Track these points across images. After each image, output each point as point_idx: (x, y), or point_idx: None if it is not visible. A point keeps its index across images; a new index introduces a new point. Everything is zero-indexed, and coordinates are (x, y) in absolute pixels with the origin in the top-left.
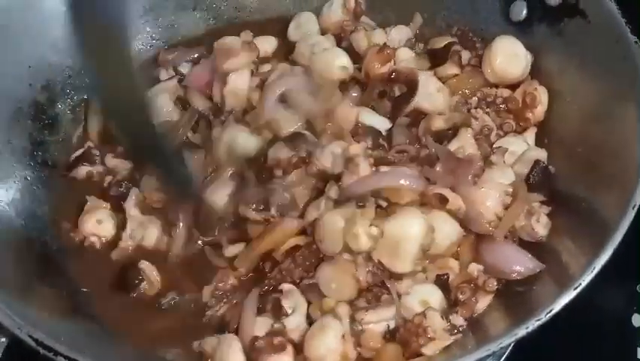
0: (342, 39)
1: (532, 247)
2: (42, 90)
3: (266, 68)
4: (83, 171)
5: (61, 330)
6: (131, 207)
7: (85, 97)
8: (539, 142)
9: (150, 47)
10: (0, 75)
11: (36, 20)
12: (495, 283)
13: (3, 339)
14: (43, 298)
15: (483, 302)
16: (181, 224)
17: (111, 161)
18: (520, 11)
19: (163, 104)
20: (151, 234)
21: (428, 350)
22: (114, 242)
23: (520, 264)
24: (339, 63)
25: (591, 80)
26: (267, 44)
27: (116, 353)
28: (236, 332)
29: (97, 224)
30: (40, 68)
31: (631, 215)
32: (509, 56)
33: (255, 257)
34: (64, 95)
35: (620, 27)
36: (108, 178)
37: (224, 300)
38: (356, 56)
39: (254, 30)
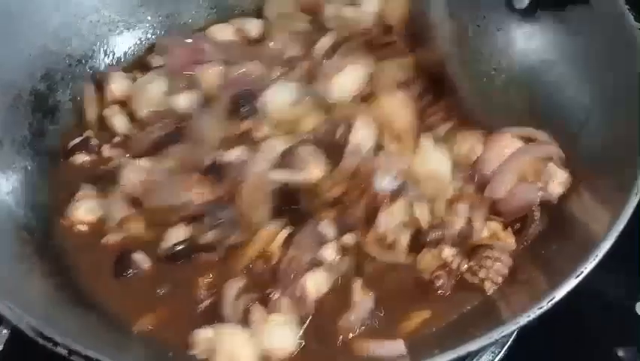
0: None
1: (535, 237)
2: (42, 79)
3: None
4: (79, 159)
5: (62, 320)
6: (117, 199)
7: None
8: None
9: (152, 35)
10: (0, 64)
11: (37, 8)
12: (465, 265)
13: (5, 331)
14: (44, 288)
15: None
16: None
17: (107, 151)
18: None
19: (154, 93)
20: (137, 226)
21: None
22: (105, 231)
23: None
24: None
25: (595, 68)
26: (252, 26)
27: (116, 342)
28: None
29: (86, 212)
30: (40, 57)
31: (634, 202)
32: None
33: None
34: (64, 84)
35: (623, 14)
36: (103, 168)
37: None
38: None
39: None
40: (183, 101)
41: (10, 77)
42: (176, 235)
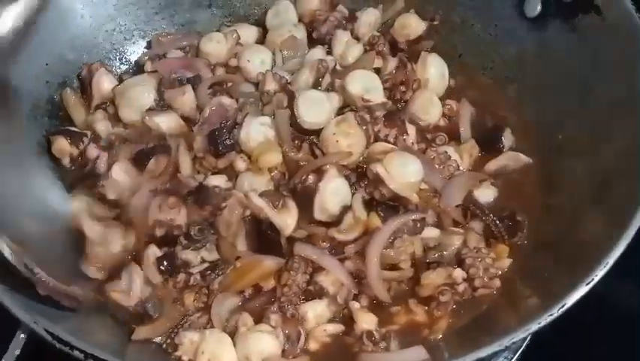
0: (314, 28)
1: (547, 243)
2: (59, 87)
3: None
4: (62, 144)
5: (77, 324)
6: (85, 221)
7: None
8: (548, 136)
9: None
10: (18, 73)
11: (53, 18)
12: (469, 293)
13: (22, 335)
14: None
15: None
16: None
17: (92, 150)
18: (535, 7)
19: (140, 98)
20: (114, 242)
21: None
22: None
23: None
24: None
25: (604, 77)
26: (248, 33)
27: (131, 346)
28: None
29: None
30: (57, 66)
31: None
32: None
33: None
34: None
35: (634, 24)
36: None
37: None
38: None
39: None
40: (162, 122)
41: (27, 86)
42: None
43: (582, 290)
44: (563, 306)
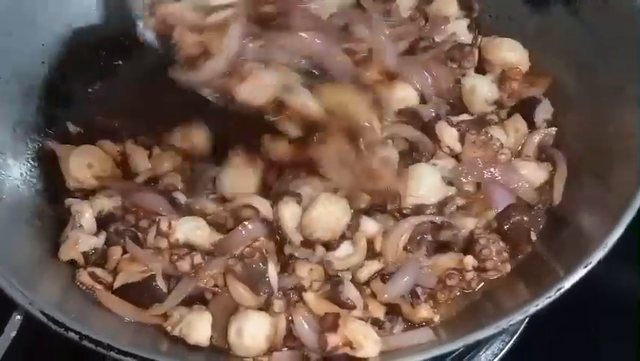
0: None
1: (547, 220)
2: (56, 68)
3: None
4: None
5: (73, 306)
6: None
7: None
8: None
9: None
10: (14, 53)
11: None
12: (477, 286)
13: (18, 317)
14: (56, 274)
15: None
16: None
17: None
18: None
19: None
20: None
21: None
22: None
23: None
24: None
25: (606, 60)
26: None
27: (126, 329)
28: None
29: None
30: (54, 46)
31: None
32: None
33: None
34: (77, 73)
35: (636, 7)
36: None
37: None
38: None
39: None
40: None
41: (24, 67)
42: None
43: (580, 273)
44: (560, 289)
